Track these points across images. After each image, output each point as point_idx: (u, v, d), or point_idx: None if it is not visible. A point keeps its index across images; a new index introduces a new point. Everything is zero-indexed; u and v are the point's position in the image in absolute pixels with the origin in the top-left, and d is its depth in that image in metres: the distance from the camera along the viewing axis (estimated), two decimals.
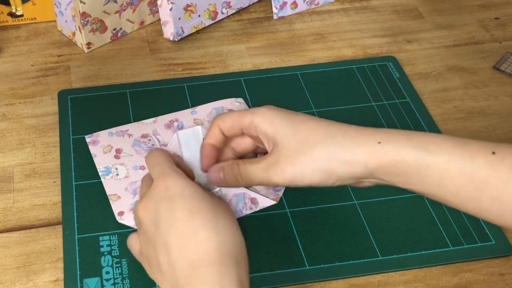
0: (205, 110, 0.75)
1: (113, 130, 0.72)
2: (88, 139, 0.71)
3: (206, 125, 0.72)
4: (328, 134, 0.53)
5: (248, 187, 0.63)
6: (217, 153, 0.62)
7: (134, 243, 0.57)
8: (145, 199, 0.54)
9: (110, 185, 0.66)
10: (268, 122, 0.56)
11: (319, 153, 0.53)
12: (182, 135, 0.67)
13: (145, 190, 0.57)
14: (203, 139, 0.67)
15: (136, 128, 0.72)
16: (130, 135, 0.71)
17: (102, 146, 0.70)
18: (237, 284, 0.47)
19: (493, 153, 0.48)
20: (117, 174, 0.67)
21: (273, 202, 0.66)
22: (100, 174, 0.68)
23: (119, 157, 0.69)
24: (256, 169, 0.56)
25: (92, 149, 0.70)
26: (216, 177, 0.60)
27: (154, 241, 0.52)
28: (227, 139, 0.62)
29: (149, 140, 0.71)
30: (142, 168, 0.68)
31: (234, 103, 0.76)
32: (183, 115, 0.74)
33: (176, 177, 0.54)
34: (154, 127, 0.72)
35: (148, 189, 0.55)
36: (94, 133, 0.72)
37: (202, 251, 0.49)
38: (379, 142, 0.52)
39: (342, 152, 0.52)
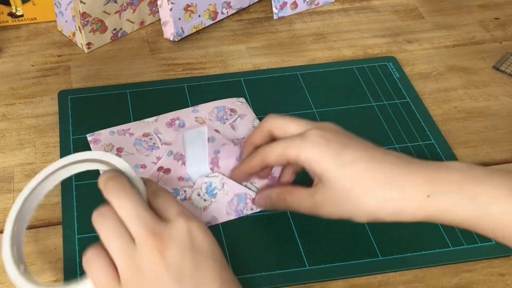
0: (206, 109, 0.75)
1: (115, 129, 0.72)
2: (89, 137, 0.71)
3: (208, 123, 0.72)
4: (376, 183, 0.53)
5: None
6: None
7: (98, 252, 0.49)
8: (167, 238, 0.47)
9: None
10: (315, 159, 0.56)
11: (366, 205, 0.54)
12: (187, 135, 0.67)
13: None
14: (208, 139, 0.67)
15: (137, 127, 0.72)
16: (131, 134, 0.71)
17: (104, 145, 0.70)
18: None
19: None
20: None
21: None
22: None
23: (120, 156, 0.69)
24: (303, 204, 0.58)
25: (93, 148, 0.70)
26: (262, 205, 0.63)
27: (163, 283, 0.46)
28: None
29: (151, 139, 0.71)
30: (143, 166, 0.68)
31: (236, 102, 0.76)
32: (185, 114, 0.74)
33: (201, 226, 0.50)
34: (156, 125, 0.72)
35: (157, 220, 0.49)
36: (96, 132, 0.72)
37: None
38: (428, 196, 0.52)
39: (391, 206, 0.53)
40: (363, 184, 0.54)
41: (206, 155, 0.67)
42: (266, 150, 0.60)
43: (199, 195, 0.65)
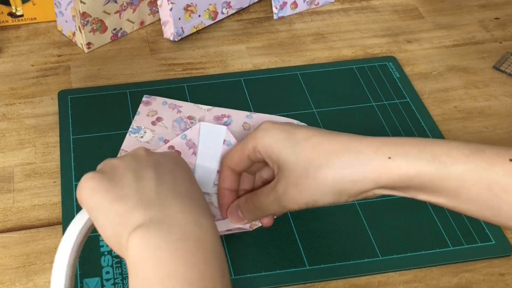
0: (260, 119, 0.74)
1: (169, 101, 0.75)
2: (144, 98, 0.75)
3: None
4: (332, 153, 0.51)
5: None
6: (234, 198, 0.61)
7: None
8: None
9: (128, 142, 0.70)
10: (269, 145, 0.54)
11: (325, 177, 0.51)
12: (204, 128, 0.68)
13: None
14: (224, 141, 0.67)
15: (188, 108, 0.74)
16: (179, 111, 0.74)
17: (150, 109, 0.74)
18: (213, 231, 0.46)
19: (510, 160, 0.47)
20: (142, 137, 0.70)
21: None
22: (129, 130, 0.71)
23: (156, 124, 0.72)
24: (269, 202, 0.55)
25: (141, 107, 0.74)
26: (236, 218, 0.60)
27: (140, 162, 0.50)
28: (240, 177, 0.61)
29: (192, 122, 0.72)
30: (166, 141, 0.70)
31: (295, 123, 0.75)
32: (237, 115, 0.74)
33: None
34: (205, 114, 0.74)
35: None
36: (153, 96, 0.76)
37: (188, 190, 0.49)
38: (389, 157, 0.49)
39: (351, 173, 0.50)
40: (318, 156, 0.51)
41: (218, 156, 0.67)
42: (226, 156, 0.59)
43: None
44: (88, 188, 0.49)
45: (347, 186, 0.51)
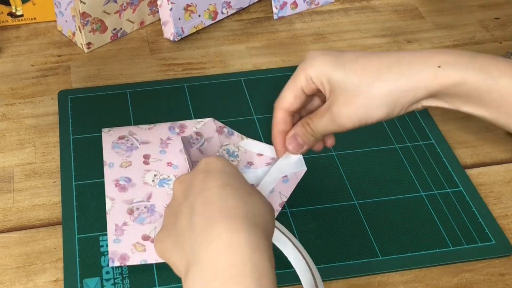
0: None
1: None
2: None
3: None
4: (383, 68, 0.54)
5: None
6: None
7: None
8: (184, 175, 0.51)
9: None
10: (320, 69, 0.56)
11: (379, 90, 0.53)
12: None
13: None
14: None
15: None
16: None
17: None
18: (250, 246, 0.43)
19: None
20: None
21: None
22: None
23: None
24: (325, 123, 0.57)
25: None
26: (296, 145, 0.61)
27: (179, 209, 0.48)
28: (294, 116, 0.61)
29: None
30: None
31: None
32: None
33: (219, 158, 0.50)
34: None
35: None
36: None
37: (226, 213, 0.44)
38: (439, 66, 0.52)
39: (403, 83, 0.53)
40: (369, 73, 0.54)
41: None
42: (279, 99, 0.60)
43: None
44: (156, 245, 0.50)
45: (400, 96, 0.53)
